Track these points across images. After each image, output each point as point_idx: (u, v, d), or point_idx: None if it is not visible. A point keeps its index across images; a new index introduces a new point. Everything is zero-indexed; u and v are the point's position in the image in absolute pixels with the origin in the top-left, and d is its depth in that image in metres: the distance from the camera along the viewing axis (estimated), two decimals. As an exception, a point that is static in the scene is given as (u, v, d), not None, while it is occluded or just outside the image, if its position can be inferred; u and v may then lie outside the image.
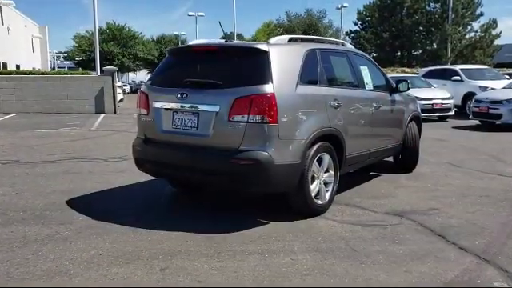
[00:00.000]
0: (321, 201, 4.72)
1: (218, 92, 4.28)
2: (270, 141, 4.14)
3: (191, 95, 4.41)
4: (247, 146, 4.14)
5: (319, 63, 4.88)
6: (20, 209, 4.87)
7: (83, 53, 57.54)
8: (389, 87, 6.28)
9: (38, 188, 5.77)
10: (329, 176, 4.85)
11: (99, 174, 6.70)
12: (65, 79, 18.16)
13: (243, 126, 4.13)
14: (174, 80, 4.68)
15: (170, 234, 4.13)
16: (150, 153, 4.77)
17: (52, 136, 11.07)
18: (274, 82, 4.18)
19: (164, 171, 4.77)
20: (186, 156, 4.45)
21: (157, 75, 4.98)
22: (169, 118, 4.61)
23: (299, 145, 4.34)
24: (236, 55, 4.48)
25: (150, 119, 4.79)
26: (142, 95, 4.90)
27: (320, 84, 4.81)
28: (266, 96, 4.11)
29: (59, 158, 8.01)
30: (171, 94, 4.57)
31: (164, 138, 4.66)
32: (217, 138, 4.28)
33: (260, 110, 4.09)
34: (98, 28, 21.65)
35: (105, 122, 14.91)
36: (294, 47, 4.78)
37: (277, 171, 4.17)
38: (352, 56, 5.67)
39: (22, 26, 38.59)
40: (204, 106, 4.35)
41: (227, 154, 4.19)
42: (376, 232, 4.27)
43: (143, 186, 5.98)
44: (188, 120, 4.47)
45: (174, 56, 5.03)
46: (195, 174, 4.45)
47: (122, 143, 9.90)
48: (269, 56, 4.29)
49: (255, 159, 4.09)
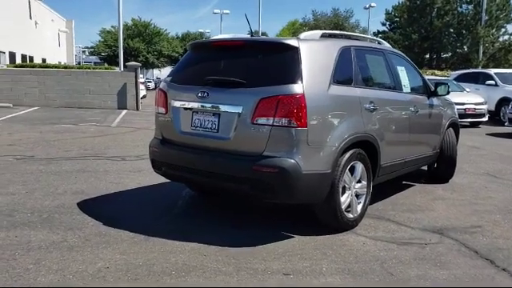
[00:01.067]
0: (352, 214, 4.29)
1: (242, 91, 3.88)
2: (297, 147, 3.72)
3: (212, 94, 4.03)
4: (272, 151, 3.73)
5: (354, 62, 4.44)
6: (28, 210, 4.57)
7: (109, 48, 57.92)
8: (427, 90, 5.80)
9: (49, 187, 5.48)
10: (361, 187, 4.41)
11: (115, 173, 6.39)
12: (88, 74, 18.04)
13: (268, 129, 3.72)
14: (194, 77, 4.31)
15: (185, 246, 3.76)
16: (167, 155, 4.41)
17: (71, 131, 10.86)
18: (304, 81, 3.76)
19: (181, 175, 4.39)
20: (204, 160, 4.07)
21: (177, 72, 4.60)
22: (188, 118, 4.23)
23: (330, 152, 3.92)
24: (262, 51, 4.07)
25: (168, 119, 4.43)
26: (160, 93, 4.54)
27: (354, 85, 4.37)
28: (294, 97, 3.69)
29: (76, 154, 7.74)
30: (191, 92, 4.19)
31: (182, 140, 4.29)
32: (238, 141, 3.88)
33: (287, 113, 3.67)
34: (122, 23, 21.48)
35: (126, 118, 14.68)
36: (326, 43, 4.35)
37: (304, 181, 3.75)
38: (389, 55, 5.20)
39: (49, 20, 38.97)
40: (225, 107, 3.96)
41: (249, 159, 3.79)
42: (414, 252, 3.81)
43: (160, 188, 5.63)
44: (208, 121, 4.08)
45: (196, 51, 4.65)
46: (214, 179, 4.06)
47: (142, 141, 9.62)
48: (299, 52, 3.87)
49: (280, 167, 3.68)
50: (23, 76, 17.53)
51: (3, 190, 5.26)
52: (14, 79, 17.39)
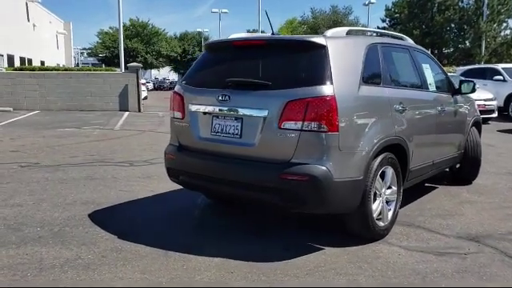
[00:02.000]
0: (383, 222, 4.02)
1: (266, 94, 3.61)
2: (328, 153, 3.46)
3: (234, 97, 3.75)
4: (301, 158, 3.47)
5: (381, 60, 4.17)
6: (37, 223, 4.30)
7: (107, 49, 57.66)
8: (451, 88, 5.53)
9: (57, 197, 5.20)
10: (391, 193, 4.14)
11: (124, 180, 6.12)
12: (88, 76, 17.75)
13: (296, 134, 3.45)
14: (213, 80, 4.03)
15: (209, 262, 3.49)
16: (184, 163, 4.14)
17: (75, 135, 10.58)
18: (333, 82, 3.49)
19: (200, 184, 4.12)
20: (226, 168, 3.80)
21: (193, 74, 4.32)
22: (207, 123, 3.96)
23: (362, 157, 3.65)
24: (287, 50, 3.80)
25: (185, 124, 4.16)
26: (176, 97, 4.27)
27: (383, 84, 4.10)
28: (324, 99, 3.42)
29: (82, 160, 7.46)
30: (210, 95, 3.92)
31: (201, 146, 4.02)
32: (264, 148, 3.61)
33: (317, 116, 3.41)
34: (122, 23, 21.15)
35: (129, 120, 14.41)
36: (354, 41, 4.09)
37: (336, 189, 3.49)
38: (413, 52, 4.94)
39: (46, 22, 38.63)
40: (249, 111, 3.69)
41: (276, 167, 3.52)
42: (454, 263, 3.55)
43: (173, 195, 5.36)
44: (230, 126, 3.81)
45: (213, 52, 4.37)
46: (237, 189, 3.79)
47: (148, 144, 9.37)
48: (327, 51, 3.61)
49: (311, 175, 3.41)
50: (23, 79, 17.25)
51: (10, 201, 4.99)
52: (13, 83, 17.11)
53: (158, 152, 8.32)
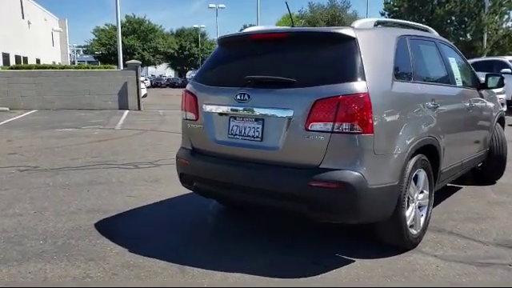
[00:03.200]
0: (415, 230, 3.70)
1: (291, 92, 3.28)
2: (362, 157, 3.13)
3: (254, 96, 3.42)
4: (331, 163, 3.13)
5: (411, 53, 3.85)
6: (39, 235, 3.96)
7: (103, 46, 57.25)
8: (476, 83, 5.21)
9: (60, 205, 4.86)
10: (423, 198, 3.83)
11: (130, 184, 5.78)
12: (86, 74, 17.37)
13: (326, 136, 3.12)
14: (229, 77, 3.69)
15: (231, 277, 3.17)
16: (199, 168, 3.80)
17: (74, 136, 10.23)
18: (366, 77, 3.16)
19: (218, 192, 3.79)
20: (246, 174, 3.46)
21: (206, 71, 3.97)
22: (224, 125, 3.63)
23: (397, 161, 3.33)
24: (312, 44, 3.45)
25: (199, 126, 3.82)
26: (188, 96, 3.93)
27: (414, 80, 3.78)
28: (357, 97, 3.09)
29: (83, 163, 7.12)
30: (227, 95, 3.59)
31: (218, 150, 3.69)
32: (289, 151, 3.28)
33: (350, 116, 3.08)
34: (120, 19, 20.72)
35: (129, 119, 14.05)
36: (383, 33, 3.77)
37: (371, 197, 3.16)
38: (439, 44, 4.61)
39: (41, 19, 38.14)
40: (272, 111, 3.35)
41: (303, 173, 3.19)
42: (500, 276, 3.24)
43: (184, 200, 5.03)
44: (249, 128, 3.48)
45: (228, 47, 4.02)
46: (259, 197, 3.45)
47: (151, 144, 9.03)
48: (357, 44, 3.27)
49: (343, 182, 3.08)
50: (19, 78, 16.86)
51: (9, 211, 4.65)
52: (9, 81, 16.72)
53: (162, 153, 8.01)
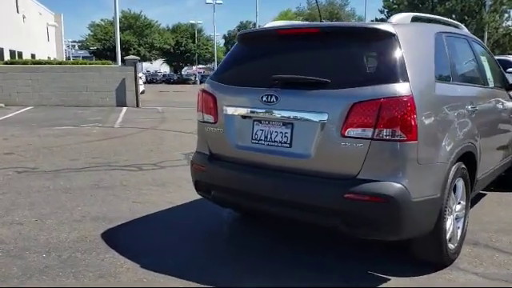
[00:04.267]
0: (453, 244, 3.40)
1: (325, 94, 2.96)
2: (405, 167, 2.82)
3: (282, 98, 3.09)
4: (370, 173, 2.82)
5: (448, 52, 3.54)
6: (42, 247, 3.63)
7: (98, 42, 56.69)
8: (505, 83, 4.91)
9: (62, 212, 4.52)
10: (460, 209, 3.53)
11: (135, 188, 5.44)
12: (84, 69, 16.97)
13: (365, 143, 2.81)
14: (253, 77, 3.37)
15: (258, 300, 2.85)
16: (218, 175, 3.48)
17: (73, 134, 9.87)
18: (409, 78, 2.85)
19: (238, 202, 3.46)
20: (273, 184, 3.15)
21: (226, 70, 3.64)
22: (247, 129, 3.30)
23: (440, 170, 3.02)
24: (347, 40, 3.13)
25: (218, 129, 3.49)
26: (205, 96, 3.60)
27: (453, 81, 3.48)
28: (401, 100, 2.78)
29: (84, 164, 6.77)
30: (251, 96, 3.26)
31: (239, 156, 3.36)
32: (322, 160, 2.96)
33: (393, 121, 2.76)
34: (118, 14, 20.27)
35: (128, 117, 13.68)
36: (421, 28, 3.46)
37: (414, 212, 2.85)
38: (472, 42, 4.31)
39: (36, 13, 37.53)
40: (303, 114, 3.03)
41: (339, 184, 2.88)
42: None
43: (196, 207, 4.71)
44: (276, 133, 3.16)
45: (250, 44, 3.67)
46: (287, 209, 3.13)
47: (154, 144, 8.69)
48: (398, 41, 2.96)
49: (385, 195, 2.77)
50: (15, 74, 16.45)
51: (8, 218, 4.31)
52: (4, 77, 16.31)
53: (166, 153, 7.68)
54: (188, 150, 7.98)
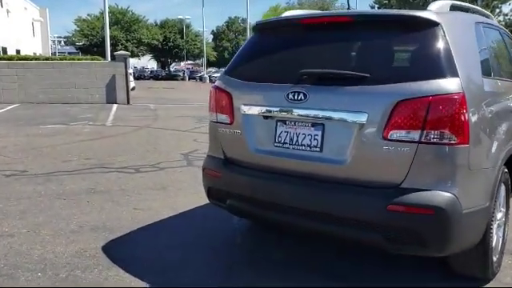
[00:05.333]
0: (495, 255, 3.07)
1: (364, 90, 2.59)
2: (455, 174, 2.47)
3: (312, 96, 2.73)
4: (416, 181, 2.47)
5: (486, 44, 3.21)
6: (36, 264, 3.22)
7: (85, 37, 55.65)
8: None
9: (57, 220, 4.12)
10: (501, 216, 3.20)
11: (135, 193, 5.05)
12: (72, 66, 16.41)
13: (412, 147, 2.45)
14: (276, 72, 3.00)
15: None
16: (235, 182, 3.10)
17: (63, 133, 9.40)
18: (459, 73, 2.50)
19: (259, 213, 3.08)
20: (300, 193, 2.79)
21: (242, 64, 3.25)
22: (269, 130, 2.93)
23: (490, 176, 2.70)
24: (384, 30, 2.77)
25: (235, 131, 3.11)
26: (219, 94, 3.22)
27: (494, 76, 3.14)
28: (452, 98, 2.43)
29: (77, 165, 6.35)
30: (275, 93, 2.90)
31: (260, 161, 2.99)
32: (360, 166, 2.61)
33: (443, 122, 2.42)
34: (107, 7, 19.67)
35: (120, 114, 13.22)
36: (462, 18, 3.13)
37: (464, 224, 2.51)
38: (503, 34, 3.98)
39: (21, 8, 36.69)
40: (337, 114, 2.66)
41: (380, 194, 2.52)
42: None
43: (202, 214, 4.34)
44: (304, 135, 2.79)
45: (269, 34, 3.28)
46: (316, 223, 2.77)
47: (149, 144, 8.28)
48: (443, 30, 2.61)
49: (435, 206, 2.42)
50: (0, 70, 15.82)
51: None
52: (-11, 74, 15.70)
53: (163, 153, 7.28)
54: (186, 149, 7.60)
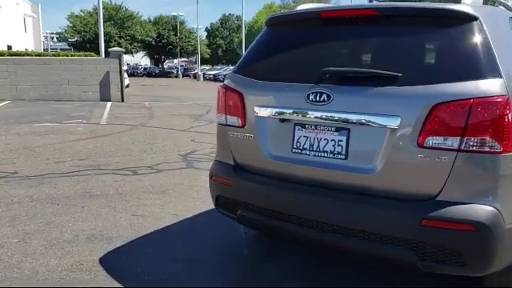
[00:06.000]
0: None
1: (396, 92, 2.32)
2: (498, 185, 2.22)
3: (337, 97, 2.46)
4: (455, 194, 2.21)
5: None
6: (28, 279, 2.94)
7: (78, 33, 55.06)
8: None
9: (50, 229, 3.83)
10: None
11: (133, 197, 4.76)
12: (65, 62, 16.05)
13: (450, 156, 2.19)
14: (295, 70, 2.73)
15: None
16: (247, 191, 2.83)
17: (56, 132, 9.08)
18: (502, 73, 2.24)
19: (272, 225, 2.81)
20: (322, 204, 2.52)
21: (255, 61, 2.97)
22: (286, 135, 2.66)
23: (531, 187, 2.44)
24: (416, 25, 2.49)
25: (247, 135, 2.84)
26: (229, 94, 2.94)
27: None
28: (496, 101, 2.17)
29: (71, 167, 6.05)
30: (293, 94, 2.63)
31: (275, 169, 2.72)
32: (391, 176, 2.34)
33: (486, 128, 2.16)
34: (101, 3, 19.31)
35: (114, 112, 12.89)
36: (498, 12, 2.87)
37: (508, 241, 2.25)
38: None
39: (13, 3, 36.10)
40: (365, 117, 2.39)
41: (413, 207, 2.26)
42: None
43: (206, 221, 4.07)
44: (327, 141, 2.53)
45: (284, 29, 2.99)
46: (341, 238, 2.50)
47: (146, 143, 7.99)
48: (482, 25, 2.35)
49: (475, 222, 2.16)
50: (-10, 65, 15.44)
51: (-16, 240, 3.60)
52: (-21, 70, 15.29)
53: (161, 154, 7.00)
54: (184, 150, 7.33)
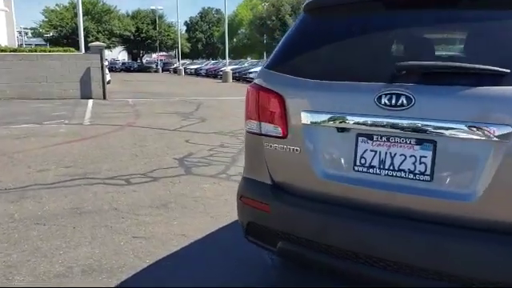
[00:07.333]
0: None
1: (503, 94, 1.77)
2: None
3: (420, 99, 1.87)
4: None
5: None
6: (11, 334, 2.31)
7: (54, 28, 53.51)
8: None
9: (36, 258, 3.18)
10: None
11: (130, 213, 4.13)
12: (43, 58, 15.16)
13: None
14: (356, 65, 2.14)
15: None
16: (291, 219, 2.23)
17: (36, 135, 8.33)
18: None
19: (327, 263, 2.22)
20: (399, 240, 1.95)
21: (297, 55, 2.36)
22: (347, 148, 2.08)
23: None
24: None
25: (290, 147, 2.24)
26: (263, 96, 2.34)
27: None
28: None
29: (56, 176, 5.37)
30: (357, 95, 2.04)
31: (331, 191, 2.13)
32: (498, 204, 1.77)
33: None
34: None
35: (97, 111, 12.13)
36: None
37: None
38: None
39: (-15, -3, 34.56)
40: (459, 126, 1.83)
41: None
42: None
43: (222, 243, 3.47)
44: (404, 157, 1.95)
45: (331, 16, 2.36)
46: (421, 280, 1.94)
47: (136, 146, 7.33)
48: None
49: None
50: (-39, 62, 14.48)
51: (-45, 278, 2.93)
52: (-51, 67, 14.32)
53: (154, 158, 6.36)
54: (179, 153, 6.70)
